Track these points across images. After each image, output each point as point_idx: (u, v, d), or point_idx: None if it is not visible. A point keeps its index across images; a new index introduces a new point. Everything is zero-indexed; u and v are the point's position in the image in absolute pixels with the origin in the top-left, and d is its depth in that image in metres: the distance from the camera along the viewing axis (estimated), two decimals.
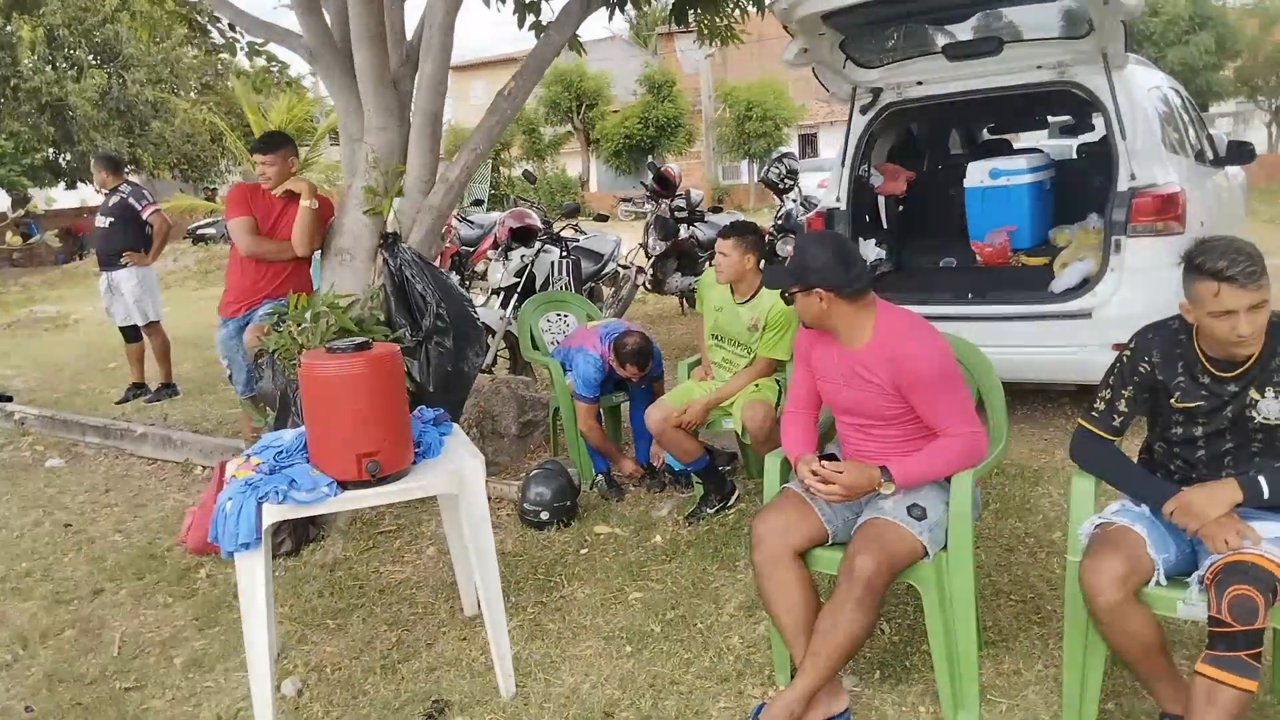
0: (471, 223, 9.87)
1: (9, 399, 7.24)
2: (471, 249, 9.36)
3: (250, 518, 2.64)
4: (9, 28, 21.38)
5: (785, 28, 4.74)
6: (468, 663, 3.12)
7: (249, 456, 2.89)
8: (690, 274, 8.89)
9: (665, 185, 9.19)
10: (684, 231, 8.90)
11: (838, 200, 5.33)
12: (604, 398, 4.70)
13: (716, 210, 9.96)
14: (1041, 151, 6.24)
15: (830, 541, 2.70)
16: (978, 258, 5.59)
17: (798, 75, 29.18)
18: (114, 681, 3.22)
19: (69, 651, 3.47)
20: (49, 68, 22.18)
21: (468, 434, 3.58)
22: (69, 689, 3.20)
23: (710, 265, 4.38)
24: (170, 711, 3.00)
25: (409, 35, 4.95)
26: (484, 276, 9.53)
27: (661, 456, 4.54)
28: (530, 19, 5.48)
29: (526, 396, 5.39)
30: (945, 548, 2.60)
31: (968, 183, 5.70)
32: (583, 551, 3.93)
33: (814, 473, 2.60)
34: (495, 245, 8.59)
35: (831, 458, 2.81)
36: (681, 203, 9.06)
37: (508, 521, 4.30)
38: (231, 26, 5.98)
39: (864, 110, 5.31)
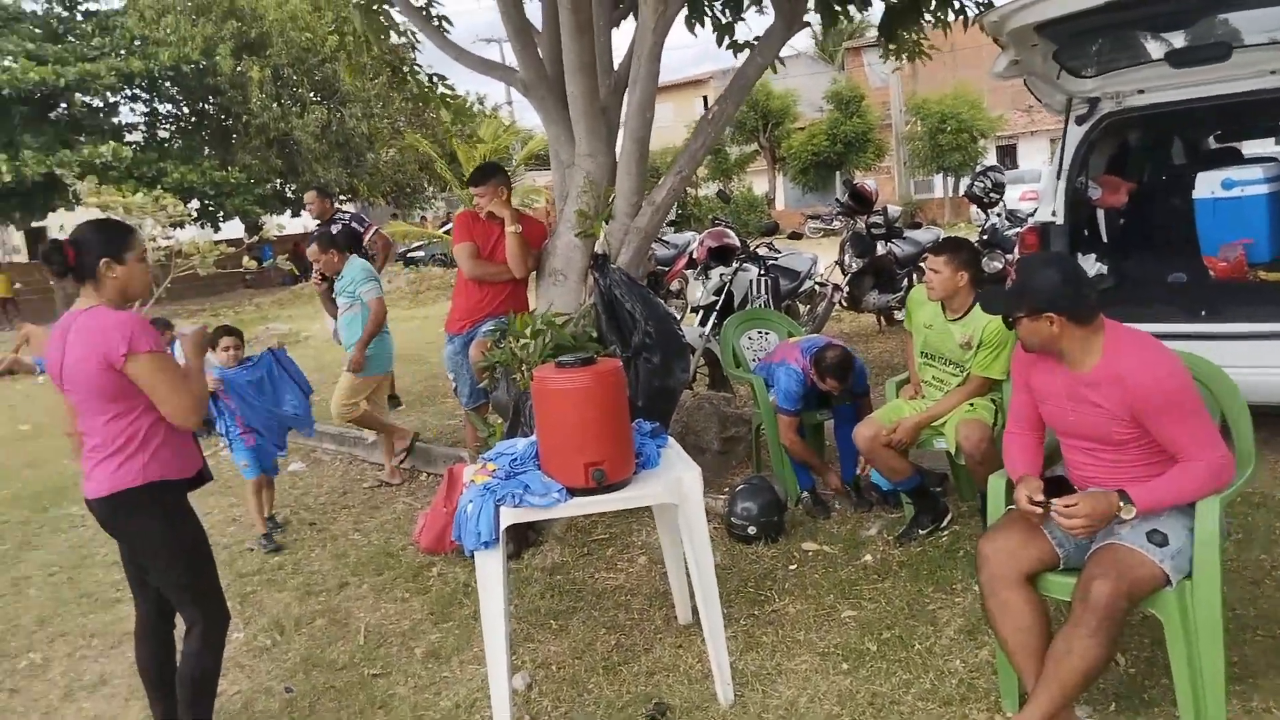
0: (665, 242, 10.10)
1: None
2: (666, 268, 9.58)
3: (489, 519, 2.84)
4: (239, 68, 23.63)
5: (995, 40, 4.64)
6: (685, 669, 3.22)
7: (485, 463, 3.10)
8: (888, 291, 8.76)
9: (861, 201, 9.10)
10: (881, 248, 8.78)
11: (1053, 214, 5.14)
12: (807, 414, 4.72)
13: (915, 226, 9.77)
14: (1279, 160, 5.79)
15: (1062, 566, 2.63)
16: (1210, 273, 5.25)
17: (994, 85, 28.16)
18: (362, 668, 3.52)
19: (320, 639, 3.81)
20: (275, 105, 24.31)
21: None
22: (322, 673, 3.53)
23: (915, 282, 4.32)
24: (413, 699, 3.25)
25: (616, 65, 5.17)
26: (678, 295, 9.73)
27: (868, 474, 4.52)
28: (727, 40, 5.60)
29: (728, 413, 5.47)
30: (1189, 576, 2.48)
31: (1197, 194, 5.36)
32: (791, 567, 3.97)
33: (1057, 511, 2.53)
34: (691, 264, 8.77)
35: (1059, 480, 2.74)
36: (879, 219, 8.94)
37: (714, 535, 4.36)
38: (430, 78, 6.40)
39: (1080, 121, 5.11)
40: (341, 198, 22.97)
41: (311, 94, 25.55)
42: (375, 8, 5.86)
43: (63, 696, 3.58)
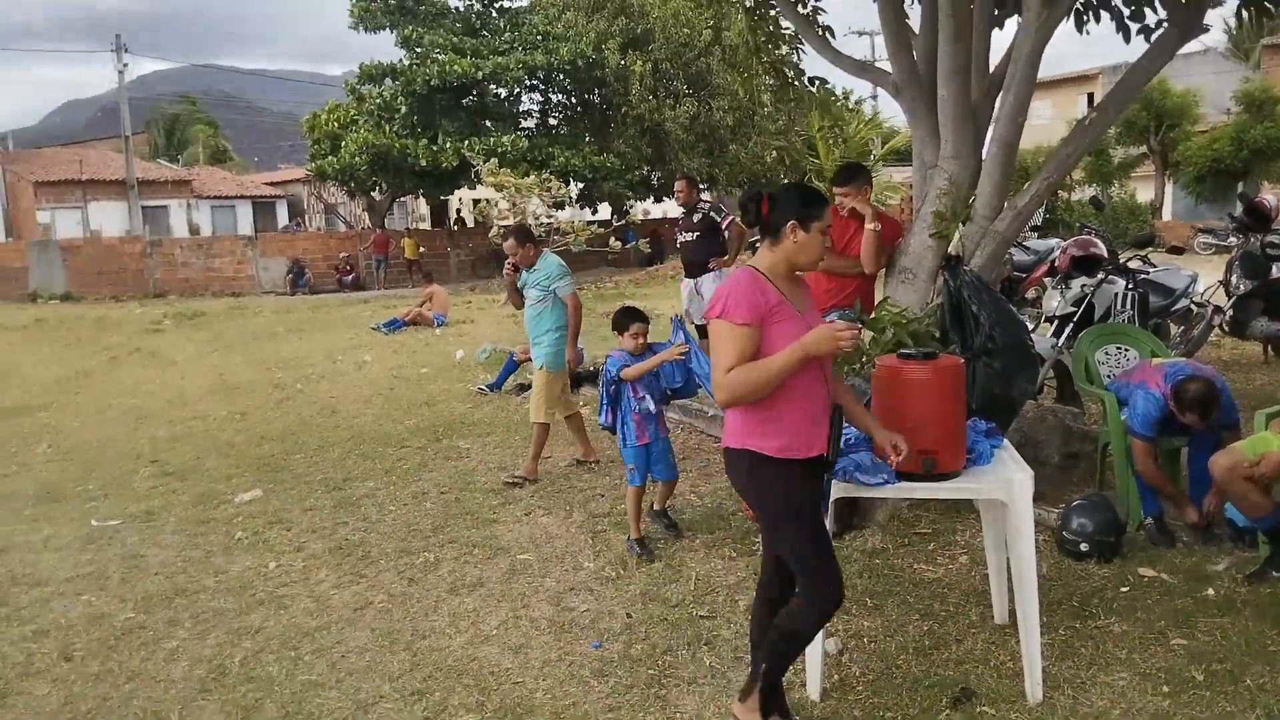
0: (1027, 248, 9.70)
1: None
2: (1024, 275, 9.23)
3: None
4: (623, 62, 25.47)
5: None
6: (995, 664, 3.31)
7: None
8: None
9: (1258, 218, 8.21)
10: (1276, 271, 7.88)
11: None
12: (1162, 439, 4.49)
13: None
14: None
15: None
16: None
17: None
18: (691, 608, 3.95)
19: (657, 579, 4.29)
20: (651, 96, 25.94)
21: None
22: (657, 607, 3.99)
23: None
24: (735, 642, 3.62)
25: (994, 64, 5.16)
26: (1034, 304, 9.34)
27: (1215, 508, 4.23)
28: (1136, 27, 5.28)
29: (1073, 428, 5.30)
30: None
31: None
32: (1123, 589, 3.86)
33: None
34: (1051, 273, 8.41)
35: None
36: (1277, 238, 8.03)
37: (1044, 548, 4.31)
38: (812, 80, 6.60)
39: None
40: (701, 186, 24.12)
41: (684, 87, 26.95)
42: (760, 14, 6.23)
43: (448, 590, 4.34)
